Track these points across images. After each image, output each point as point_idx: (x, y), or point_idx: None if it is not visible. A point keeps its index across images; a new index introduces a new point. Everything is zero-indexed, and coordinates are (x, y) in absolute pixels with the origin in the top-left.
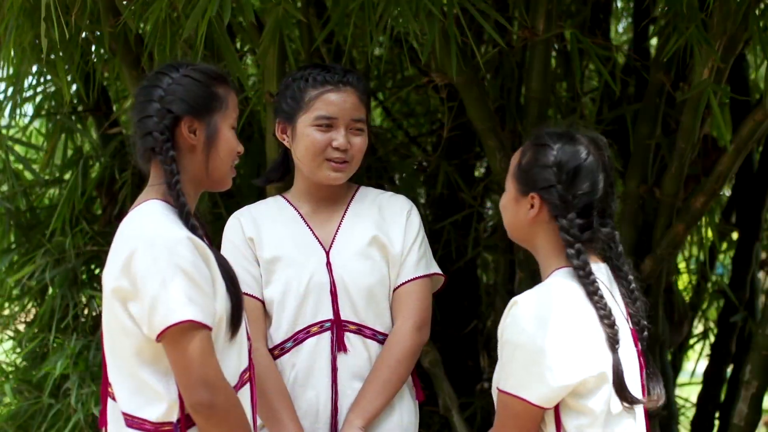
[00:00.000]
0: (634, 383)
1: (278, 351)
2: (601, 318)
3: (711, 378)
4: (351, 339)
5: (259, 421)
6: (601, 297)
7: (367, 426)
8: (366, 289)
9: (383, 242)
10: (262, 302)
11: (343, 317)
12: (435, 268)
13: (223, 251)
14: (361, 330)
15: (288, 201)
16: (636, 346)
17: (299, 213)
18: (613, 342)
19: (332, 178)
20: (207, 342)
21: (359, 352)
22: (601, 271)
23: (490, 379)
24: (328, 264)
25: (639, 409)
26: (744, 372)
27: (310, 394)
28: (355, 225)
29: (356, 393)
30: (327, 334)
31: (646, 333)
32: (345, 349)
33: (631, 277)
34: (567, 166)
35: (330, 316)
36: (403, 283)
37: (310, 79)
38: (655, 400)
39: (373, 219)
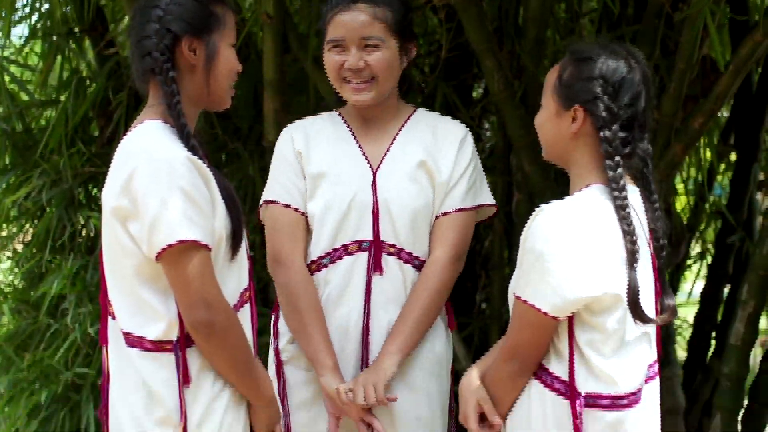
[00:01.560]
0: (648, 303)
1: (315, 266)
2: (625, 234)
3: (708, 298)
4: (388, 261)
5: (284, 340)
6: (628, 213)
7: (405, 358)
8: (409, 213)
9: (431, 168)
10: (305, 216)
11: (382, 239)
12: (484, 199)
13: (273, 160)
14: (399, 253)
15: (342, 117)
16: (653, 267)
17: (351, 130)
18: (633, 259)
19: (354, 100)
20: (206, 262)
21: (395, 275)
22: (632, 192)
23: (488, 300)
24: (374, 184)
25: (653, 334)
26: (741, 292)
27: (342, 311)
28: (406, 147)
29: (389, 316)
30: (365, 254)
31: (664, 253)
32: (381, 271)
33: (656, 196)
34: (612, 79)
35: (369, 236)
36: (447, 213)
37: (328, 0)
38: (668, 317)
39: (425, 143)
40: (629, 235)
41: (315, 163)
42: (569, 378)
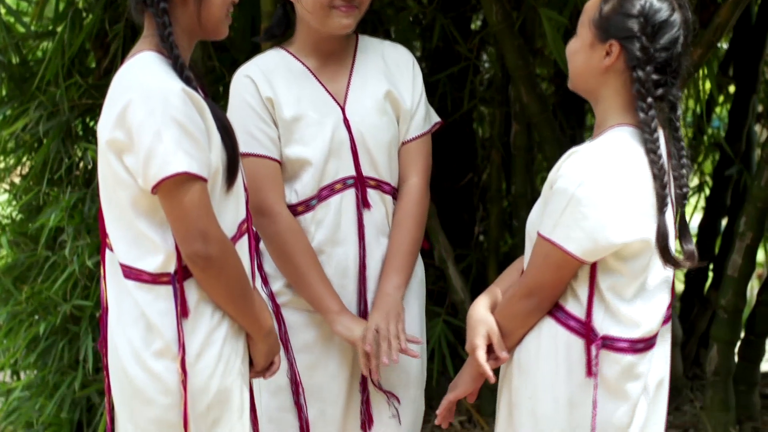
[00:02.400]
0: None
1: (302, 208)
2: (655, 177)
3: (706, 230)
4: (372, 195)
5: (278, 284)
6: (660, 156)
7: (405, 286)
8: (384, 145)
9: (396, 97)
10: (280, 163)
11: (364, 173)
12: (435, 117)
13: (236, 110)
14: (380, 186)
15: (292, 55)
16: (674, 210)
17: (308, 68)
18: (662, 204)
19: (343, 25)
20: (202, 194)
21: (379, 207)
22: (661, 136)
23: (485, 232)
24: (345, 121)
25: (671, 279)
26: (739, 224)
27: (339, 251)
28: (366, 79)
29: (381, 249)
30: (351, 191)
31: (685, 201)
32: (369, 206)
33: (683, 143)
34: (653, 19)
35: (352, 172)
36: (413, 139)
37: None
38: (689, 262)
39: (382, 72)
40: (659, 179)
41: (287, 108)
42: (586, 318)
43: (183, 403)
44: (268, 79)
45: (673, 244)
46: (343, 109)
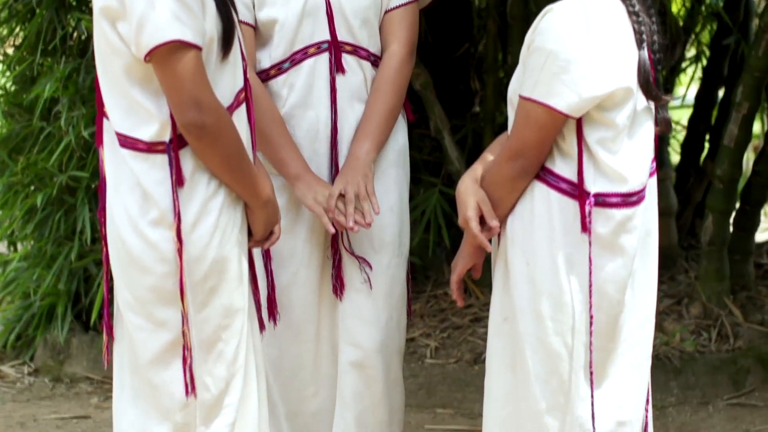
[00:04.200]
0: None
1: (274, 71)
2: (630, 14)
3: (702, 101)
4: (348, 60)
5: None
6: None
7: (377, 155)
8: (362, 10)
9: None
10: (254, 28)
11: (339, 38)
12: None
13: None
14: (356, 51)
15: None
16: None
17: None
18: (640, 39)
19: None
20: (196, 62)
21: (356, 73)
22: None
23: (482, 102)
24: None
25: (653, 130)
26: (736, 94)
27: (310, 114)
28: None
29: (355, 114)
30: (325, 56)
31: (660, 67)
32: (343, 70)
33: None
34: None
35: (327, 37)
36: (397, 7)
37: None
38: (663, 129)
39: None
40: (635, 15)
41: None
42: (578, 178)
43: (179, 272)
44: None
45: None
46: None
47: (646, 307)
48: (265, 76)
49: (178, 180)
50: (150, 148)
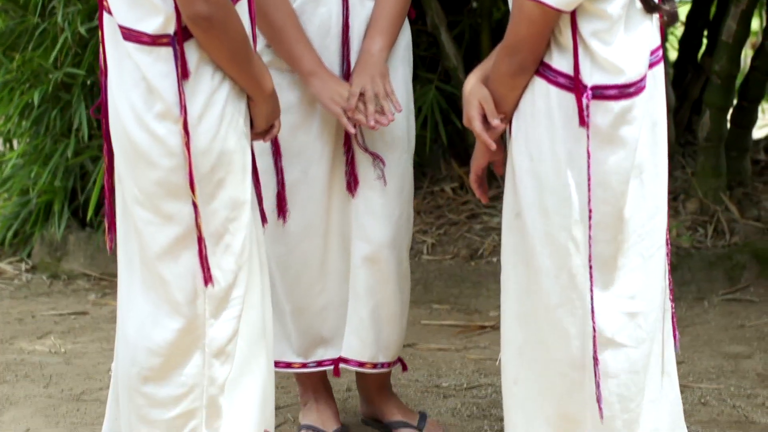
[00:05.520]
0: None
1: None
2: None
3: None
4: None
5: (259, 44)
6: None
7: (389, 48)
8: None
9: None
10: None
11: None
12: None
13: None
14: None
15: None
16: None
17: None
18: None
19: None
20: None
21: None
22: None
23: None
24: None
25: (656, 16)
26: None
27: (321, 10)
28: None
29: (365, 11)
30: None
31: None
32: None
33: None
34: None
35: None
36: None
37: None
38: (668, 21)
39: None
40: None
41: None
42: (574, 72)
43: (188, 165)
44: None
45: None
46: None
47: (656, 197)
48: None
49: (183, 73)
50: (154, 41)
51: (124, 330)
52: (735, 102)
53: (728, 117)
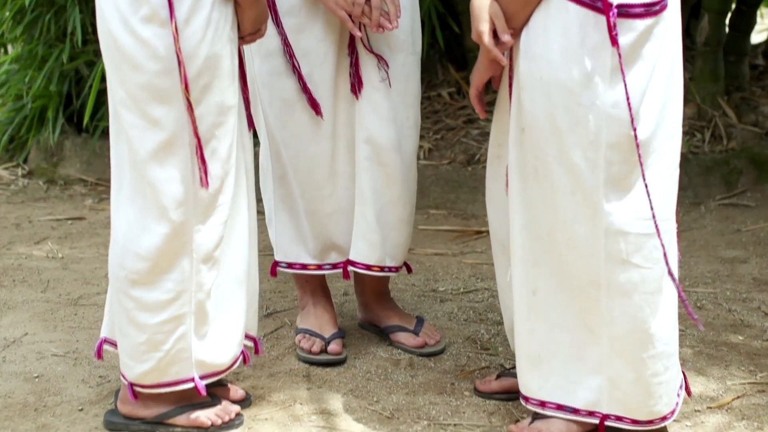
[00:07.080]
0: None
1: None
2: None
3: None
4: None
5: None
6: None
7: None
8: None
9: None
10: None
11: None
12: None
13: None
14: None
15: None
16: None
17: None
18: None
19: None
20: None
21: None
22: None
23: None
24: None
25: None
26: None
27: None
28: None
29: None
30: None
31: None
32: None
33: None
34: None
35: None
36: None
37: None
38: None
39: None
40: None
41: None
42: None
43: (179, 68)
44: None
45: None
46: None
47: (674, 117)
48: None
49: None
50: None
51: (114, 234)
52: (734, 6)
53: (727, 21)
